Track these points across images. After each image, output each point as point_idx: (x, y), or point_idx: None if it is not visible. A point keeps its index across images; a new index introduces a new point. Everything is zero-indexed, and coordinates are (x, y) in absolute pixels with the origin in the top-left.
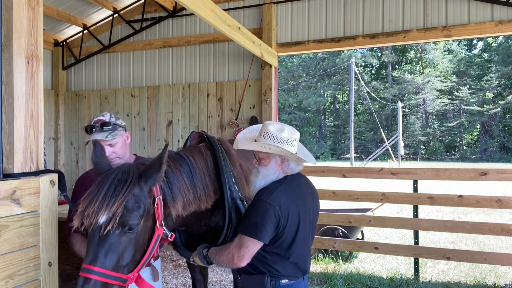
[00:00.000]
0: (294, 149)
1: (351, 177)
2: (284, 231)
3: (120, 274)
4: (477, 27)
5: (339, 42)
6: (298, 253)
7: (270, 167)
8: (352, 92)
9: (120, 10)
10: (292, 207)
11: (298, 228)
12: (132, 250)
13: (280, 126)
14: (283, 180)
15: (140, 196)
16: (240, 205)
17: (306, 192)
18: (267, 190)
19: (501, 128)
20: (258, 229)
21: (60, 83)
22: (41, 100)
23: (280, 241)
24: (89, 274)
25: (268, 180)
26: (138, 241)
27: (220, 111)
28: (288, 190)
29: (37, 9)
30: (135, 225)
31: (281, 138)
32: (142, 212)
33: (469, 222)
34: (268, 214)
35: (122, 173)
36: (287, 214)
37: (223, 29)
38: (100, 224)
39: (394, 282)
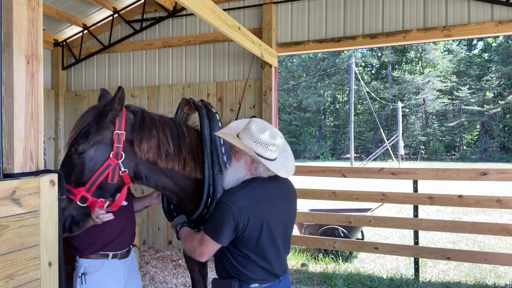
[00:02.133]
0: (269, 153)
1: (351, 177)
2: (243, 235)
3: (71, 187)
4: (477, 27)
5: (339, 42)
6: (266, 258)
7: (240, 164)
8: (352, 92)
9: (120, 10)
10: (254, 212)
11: (261, 233)
12: (79, 171)
13: (263, 127)
14: (250, 182)
15: (94, 128)
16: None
17: (275, 197)
18: (231, 192)
19: (501, 128)
20: (216, 231)
21: (60, 83)
22: (41, 100)
23: (241, 245)
24: None
25: (236, 177)
26: (86, 165)
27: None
28: (252, 194)
29: (37, 9)
30: (83, 150)
31: (258, 138)
32: (91, 141)
33: (469, 222)
34: (226, 217)
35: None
36: (247, 219)
37: (223, 29)
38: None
39: (394, 282)
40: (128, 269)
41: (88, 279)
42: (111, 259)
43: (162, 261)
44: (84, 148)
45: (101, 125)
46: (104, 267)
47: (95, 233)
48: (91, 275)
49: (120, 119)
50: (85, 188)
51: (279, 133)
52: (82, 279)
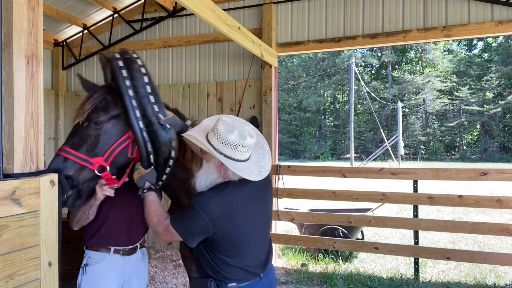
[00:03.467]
0: (239, 155)
1: (351, 177)
2: (216, 240)
3: (85, 156)
4: (477, 27)
5: (339, 42)
6: (243, 260)
7: (210, 166)
8: (352, 92)
9: (120, 10)
10: (227, 221)
11: (237, 239)
12: (98, 141)
13: (231, 127)
14: (224, 187)
15: (111, 101)
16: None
17: (251, 201)
18: (203, 198)
19: (501, 128)
20: (186, 232)
21: (60, 83)
22: (41, 100)
23: (216, 250)
24: (62, 152)
25: (208, 180)
26: (104, 137)
27: (220, 111)
28: (225, 203)
29: (37, 9)
30: (102, 121)
31: (226, 139)
32: (110, 113)
33: (469, 222)
34: (197, 224)
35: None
36: (219, 228)
37: (223, 29)
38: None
39: (394, 282)
40: (131, 268)
41: (89, 270)
42: (113, 254)
43: (162, 261)
44: (104, 120)
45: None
46: (105, 261)
47: (97, 223)
48: (91, 267)
49: None
50: (103, 158)
51: (251, 131)
52: (83, 270)
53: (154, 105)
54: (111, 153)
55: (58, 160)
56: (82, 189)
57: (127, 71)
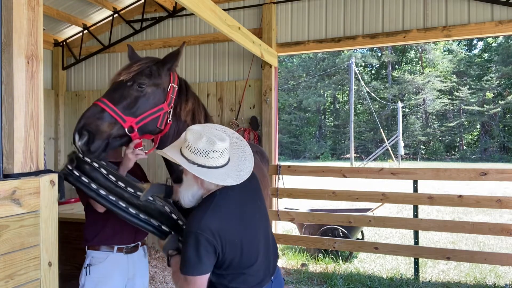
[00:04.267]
0: (212, 161)
1: (351, 177)
2: (225, 255)
3: (122, 113)
4: (477, 27)
5: (339, 42)
6: (253, 267)
7: (188, 178)
8: (352, 92)
9: (120, 10)
10: (228, 229)
11: (242, 249)
12: (136, 102)
13: (199, 134)
14: (211, 199)
15: (154, 71)
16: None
17: (243, 205)
18: (195, 218)
19: (501, 128)
20: (196, 266)
21: (60, 83)
22: (41, 100)
23: (226, 265)
24: (98, 102)
25: (190, 194)
26: (143, 99)
27: (220, 111)
28: (218, 214)
29: (37, 9)
30: (143, 85)
31: (195, 148)
32: (152, 81)
33: (469, 222)
34: (202, 246)
35: (147, 57)
36: (223, 239)
37: (223, 29)
38: (119, 79)
39: (394, 282)
40: (134, 265)
41: (92, 270)
42: (116, 253)
43: (162, 261)
44: (146, 84)
45: (162, 72)
46: (109, 260)
47: (100, 223)
48: (95, 267)
49: (173, 75)
50: (136, 119)
51: (221, 135)
52: (87, 270)
53: (127, 188)
54: (144, 118)
55: (95, 109)
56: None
57: (85, 177)
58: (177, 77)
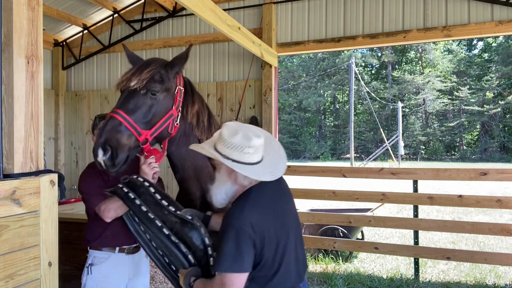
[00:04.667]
0: (247, 157)
1: (351, 177)
2: (263, 251)
3: (137, 126)
4: (477, 27)
5: (339, 42)
6: (285, 267)
7: (222, 174)
8: (352, 92)
9: (120, 10)
10: (266, 225)
11: (277, 245)
12: (150, 112)
13: (235, 130)
14: (248, 194)
15: (164, 75)
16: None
17: (277, 200)
18: (234, 212)
19: (501, 128)
20: (237, 261)
21: (60, 83)
22: (41, 100)
23: (262, 263)
24: (116, 114)
25: (224, 191)
26: (157, 108)
27: (220, 111)
28: (257, 207)
29: (37, 9)
30: (156, 92)
31: (231, 143)
32: (164, 86)
33: (469, 222)
34: (243, 240)
35: (152, 59)
36: (262, 233)
37: (223, 29)
38: (130, 86)
39: (394, 282)
40: (135, 266)
41: (94, 270)
42: (118, 253)
43: None
44: (158, 91)
45: (171, 75)
46: (110, 260)
47: (102, 224)
48: (97, 266)
49: (179, 77)
50: (151, 131)
51: (257, 132)
52: (88, 270)
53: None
54: (158, 128)
55: (114, 123)
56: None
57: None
58: (182, 78)
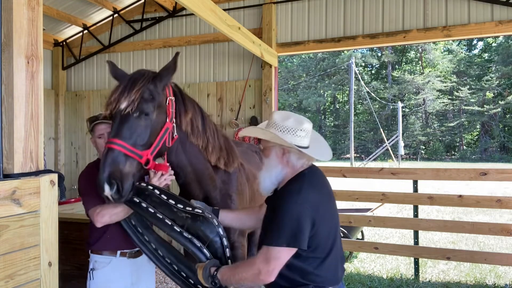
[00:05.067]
0: (298, 140)
1: (351, 177)
2: (318, 230)
3: (136, 149)
4: (477, 27)
5: (339, 42)
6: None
7: (271, 158)
8: (352, 92)
9: (120, 10)
10: (322, 203)
11: (330, 225)
12: (147, 133)
13: (286, 115)
14: (302, 177)
15: (154, 91)
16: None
17: (326, 187)
18: (292, 191)
19: (501, 128)
20: (297, 237)
21: (60, 83)
22: (41, 100)
23: (317, 242)
24: (113, 145)
25: (273, 176)
26: (152, 128)
27: (220, 111)
28: (313, 186)
29: (37, 9)
30: (150, 112)
31: (283, 126)
32: (155, 104)
33: (469, 222)
34: (304, 218)
35: (138, 74)
36: (318, 212)
37: (223, 29)
38: (121, 108)
39: (394, 282)
40: (138, 269)
41: (95, 274)
42: (119, 257)
43: None
44: (151, 110)
45: (161, 89)
46: (111, 264)
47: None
48: (98, 271)
49: (169, 87)
50: (150, 150)
51: (306, 119)
52: (90, 275)
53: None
54: (157, 145)
55: (113, 154)
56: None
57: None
58: (171, 86)
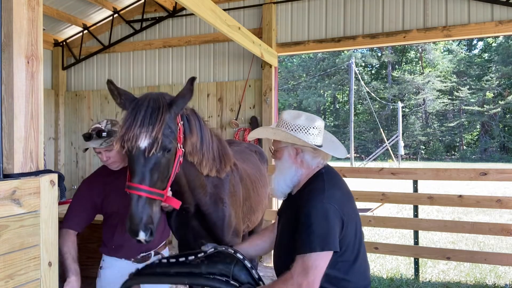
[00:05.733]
0: (311, 138)
1: (351, 177)
2: (347, 230)
3: (159, 190)
4: (477, 27)
5: (339, 42)
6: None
7: (284, 160)
8: (352, 92)
9: (120, 10)
10: (345, 202)
11: (356, 224)
12: (167, 169)
13: (297, 114)
14: (321, 176)
15: (171, 122)
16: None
17: (345, 185)
18: (316, 190)
19: (501, 128)
20: (328, 238)
21: (60, 83)
22: (41, 100)
23: (346, 244)
24: (140, 192)
25: (288, 178)
26: (171, 162)
27: (220, 111)
28: (334, 185)
29: (37, 9)
30: (173, 148)
31: (295, 125)
32: (175, 136)
33: (469, 222)
34: (331, 217)
35: (153, 101)
36: (344, 210)
37: (223, 29)
38: (142, 148)
39: (394, 282)
40: None
41: (102, 273)
42: (125, 260)
43: None
44: (172, 145)
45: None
46: (116, 266)
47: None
48: (104, 271)
49: None
50: (169, 184)
51: (318, 117)
52: (99, 272)
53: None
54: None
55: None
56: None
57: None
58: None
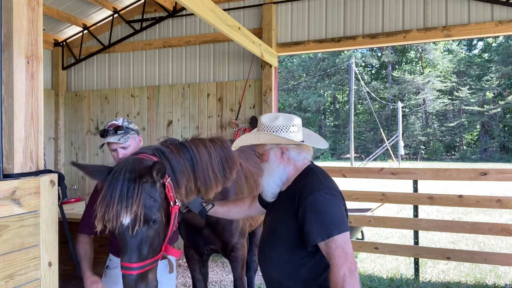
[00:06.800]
0: (293, 135)
1: (351, 177)
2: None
3: (153, 258)
4: (477, 27)
5: (339, 42)
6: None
7: (271, 161)
8: (352, 92)
9: (120, 10)
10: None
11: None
12: (158, 236)
13: (274, 116)
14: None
15: (153, 191)
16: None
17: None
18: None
19: (501, 128)
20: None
21: (60, 83)
22: (41, 100)
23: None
24: (131, 271)
25: (277, 177)
26: (161, 226)
27: (220, 111)
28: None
29: (37, 9)
30: (158, 217)
31: (275, 126)
32: (159, 204)
33: (469, 222)
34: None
35: (129, 172)
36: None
37: (223, 29)
38: (125, 225)
39: (394, 282)
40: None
41: (107, 273)
42: None
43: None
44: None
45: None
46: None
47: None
48: (109, 271)
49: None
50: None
51: (294, 115)
52: (105, 272)
53: None
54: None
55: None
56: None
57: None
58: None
